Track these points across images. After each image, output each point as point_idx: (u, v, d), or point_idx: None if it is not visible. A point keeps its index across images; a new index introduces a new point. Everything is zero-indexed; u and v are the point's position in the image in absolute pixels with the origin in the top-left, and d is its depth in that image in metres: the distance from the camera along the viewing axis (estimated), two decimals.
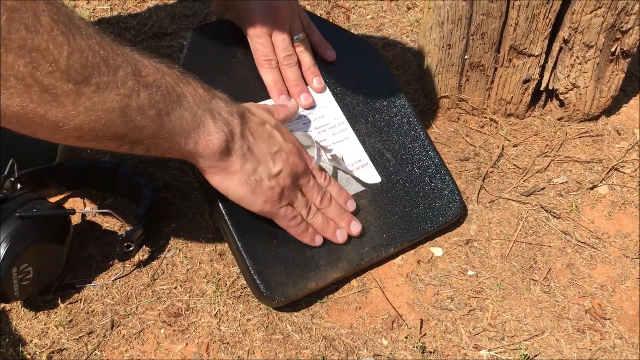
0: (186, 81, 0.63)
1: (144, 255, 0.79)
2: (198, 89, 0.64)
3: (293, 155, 0.71)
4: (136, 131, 0.58)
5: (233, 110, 0.66)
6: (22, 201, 0.70)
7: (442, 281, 0.77)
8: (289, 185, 0.70)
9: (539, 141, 0.94)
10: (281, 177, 0.69)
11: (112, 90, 0.54)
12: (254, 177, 0.67)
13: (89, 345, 0.70)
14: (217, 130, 0.63)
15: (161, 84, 0.59)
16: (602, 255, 0.80)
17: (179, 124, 0.61)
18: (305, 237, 0.73)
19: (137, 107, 0.57)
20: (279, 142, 0.70)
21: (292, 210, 0.71)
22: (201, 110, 0.63)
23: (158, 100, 0.58)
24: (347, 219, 0.75)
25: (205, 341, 0.70)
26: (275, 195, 0.69)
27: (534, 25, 0.85)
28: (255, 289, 0.70)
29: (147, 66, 0.59)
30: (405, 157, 0.83)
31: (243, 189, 0.67)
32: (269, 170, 0.68)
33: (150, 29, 1.14)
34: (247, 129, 0.67)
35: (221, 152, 0.64)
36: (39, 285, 0.71)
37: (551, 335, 0.72)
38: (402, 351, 0.70)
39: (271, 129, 0.70)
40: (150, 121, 0.58)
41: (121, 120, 0.56)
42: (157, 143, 0.60)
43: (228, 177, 0.66)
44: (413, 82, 1.03)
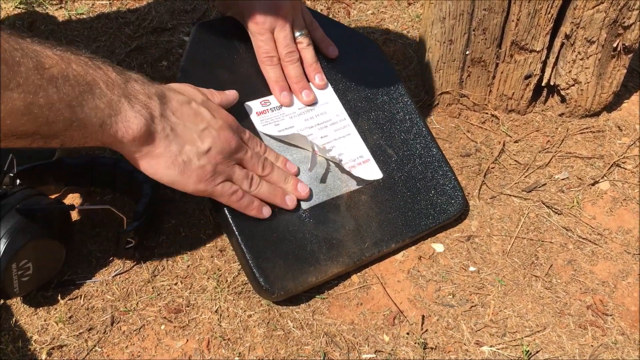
0: (96, 67, 0.60)
1: (144, 251, 0.78)
2: (110, 73, 0.61)
3: (223, 130, 0.68)
4: (46, 127, 0.55)
5: (151, 92, 0.64)
6: (22, 197, 0.70)
7: (443, 277, 0.77)
8: (222, 161, 0.68)
9: (540, 137, 0.94)
10: (211, 154, 0.67)
11: (13, 89, 0.51)
12: (181, 158, 0.65)
13: (89, 342, 0.69)
14: (135, 115, 0.61)
15: (68, 75, 0.56)
16: (603, 252, 0.80)
17: (93, 113, 0.58)
18: (252, 211, 0.71)
19: (45, 103, 0.54)
20: (206, 119, 0.67)
21: (230, 186, 0.69)
22: (116, 96, 0.60)
23: (67, 92, 0.56)
24: (293, 181, 0.75)
25: (206, 337, 0.70)
26: (207, 173, 0.67)
27: (536, 20, 0.85)
28: (255, 282, 0.70)
29: (51, 57, 0.55)
30: (407, 153, 0.82)
31: (171, 172, 0.65)
32: (196, 148, 0.66)
33: (150, 24, 1.13)
34: (168, 109, 0.65)
35: (142, 137, 0.62)
36: (38, 282, 0.70)
37: (553, 331, 0.72)
38: (403, 347, 0.70)
39: (197, 106, 0.68)
40: (61, 115, 0.55)
41: (28, 118, 0.53)
42: (71, 135, 0.58)
43: (154, 160, 0.64)
44: (414, 78, 1.03)
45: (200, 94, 0.70)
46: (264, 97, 0.80)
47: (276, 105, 0.80)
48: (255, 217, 0.72)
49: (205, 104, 0.69)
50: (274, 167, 0.74)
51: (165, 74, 1.03)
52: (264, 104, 0.80)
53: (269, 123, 0.78)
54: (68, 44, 1.08)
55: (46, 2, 1.15)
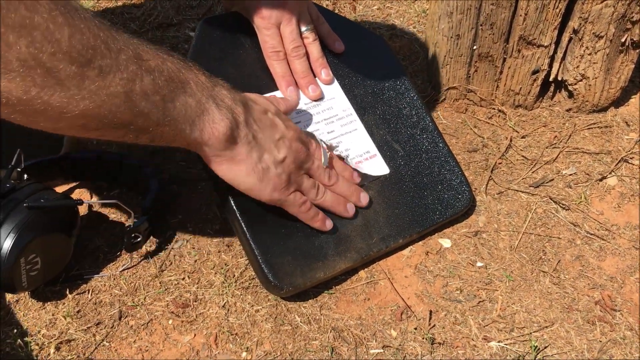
0: (188, 68, 0.62)
1: (151, 246, 0.78)
2: (200, 75, 0.63)
3: (295, 141, 0.70)
4: (141, 118, 0.56)
5: (236, 98, 0.65)
6: (30, 192, 0.70)
7: (451, 272, 0.77)
8: (294, 171, 0.70)
9: (547, 132, 0.94)
10: (286, 164, 0.68)
11: (115, 73, 0.53)
12: (261, 166, 0.66)
13: (97, 336, 0.69)
14: (222, 118, 0.62)
15: (163, 69, 0.58)
16: (611, 247, 0.80)
17: (184, 110, 0.60)
18: (316, 223, 0.73)
19: (141, 92, 0.55)
20: (281, 130, 0.69)
21: (300, 196, 0.71)
22: (205, 97, 0.62)
23: (162, 85, 0.57)
24: (357, 192, 0.76)
25: (213, 332, 0.70)
26: (283, 182, 0.68)
27: (544, 15, 0.85)
28: (264, 278, 0.70)
29: (148, 51, 0.57)
30: (413, 148, 0.82)
31: (251, 179, 0.66)
32: (274, 157, 0.67)
33: (155, 20, 1.13)
34: (250, 117, 0.66)
35: (227, 140, 0.63)
36: (46, 276, 0.71)
37: (561, 326, 0.71)
38: (411, 342, 0.70)
39: (273, 116, 0.69)
40: (155, 107, 0.57)
41: (126, 105, 0.54)
42: (162, 131, 0.59)
43: (235, 166, 0.65)
44: (420, 73, 1.03)
45: (271, 104, 0.72)
46: (270, 93, 0.80)
47: None
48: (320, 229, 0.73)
49: (279, 114, 0.71)
50: (339, 178, 0.75)
51: None
52: None
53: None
54: None
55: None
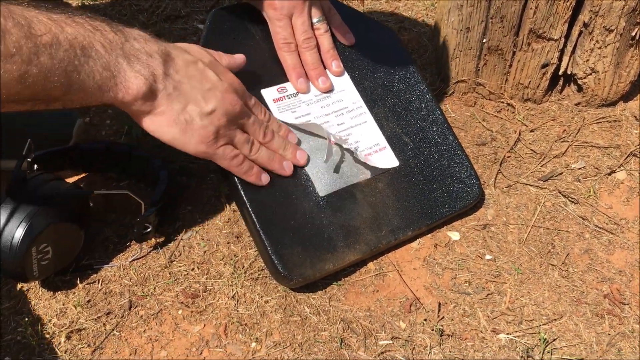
0: (93, 28, 0.59)
1: (161, 237, 0.79)
2: (107, 34, 0.60)
3: (229, 93, 0.68)
4: (43, 93, 0.55)
5: (152, 50, 0.63)
6: (41, 181, 0.70)
7: (459, 265, 0.77)
8: (225, 124, 0.67)
9: (556, 126, 0.94)
10: (215, 116, 0.66)
11: (6, 60, 0.51)
12: (183, 117, 0.65)
13: (108, 325, 0.70)
14: (136, 75, 0.61)
15: (61, 40, 0.55)
16: (620, 241, 0.80)
17: (91, 77, 0.58)
18: (250, 177, 0.71)
19: (39, 71, 0.54)
20: (211, 80, 0.67)
21: (231, 150, 0.69)
22: (114, 57, 0.59)
23: (61, 57, 0.55)
24: (292, 149, 0.75)
25: (223, 322, 0.70)
26: (209, 134, 0.66)
27: (555, 8, 0.84)
28: (273, 269, 0.70)
29: (44, 22, 0.55)
30: (423, 141, 0.82)
31: (173, 130, 0.65)
32: (200, 108, 0.65)
33: (163, 12, 1.13)
34: (171, 68, 0.64)
35: (143, 96, 0.62)
36: (57, 266, 0.71)
37: (570, 319, 0.72)
38: (420, 334, 0.70)
39: (203, 67, 0.67)
40: (57, 81, 0.55)
41: (23, 86, 0.53)
42: (71, 99, 0.58)
43: (155, 118, 0.64)
44: (429, 66, 1.02)
45: (208, 54, 0.70)
46: (280, 84, 0.80)
47: (293, 92, 0.80)
48: (254, 183, 0.72)
49: (212, 65, 0.68)
50: (275, 135, 0.74)
51: None
52: (281, 91, 0.80)
53: (285, 110, 0.78)
54: None
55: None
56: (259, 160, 0.72)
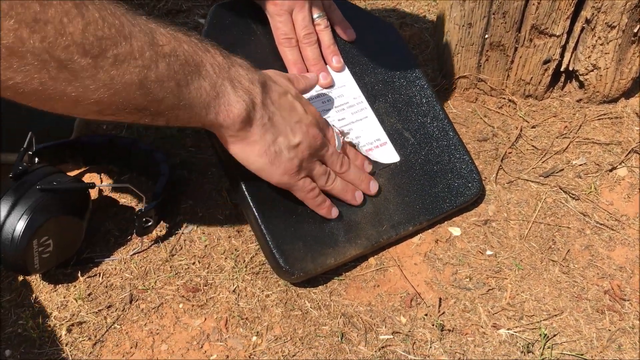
0: (204, 49, 0.62)
1: (162, 231, 0.79)
2: (217, 56, 0.63)
3: (312, 126, 0.70)
4: (155, 103, 0.57)
5: (254, 79, 0.65)
6: (42, 174, 0.70)
7: (460, 260, 0.77)
8: (307, 157, 0.69)
9: (557, 123, 0.94)
10: (300, 149, 0.68)
11: (129, 62, 0.53)
12: (274, 148, 0.66)
13: (109, 319, 0.70)
14: (238, 100, 0.63)
15: (179, 54, 0.58)
16: (620, 237, 0.80)
17: (199, 94, 0.60)
18: (322, 210, 0.73)
19: (156, 78, 0.56)
20: (299, 113, 0.69)
21: (310, 182, 0.71)
22: (220, 79, 0.62)
23: (177, 70, 0.57)
24: (366, 180, 0.76)
25: (224, 316, 0.70)
26: (294, 166, 0.68)
27: (557, 4, 0.84)
28: (275, 263, 0.70)
29: (164, 35, 0.57)
30: (424, 136, 0.82)
31: (262, 160, 0.66)
32: (288, 141, 0.67)
33: (165, 6, 1.13)
34: (268, 99, 0.66)
35: (242, 122, 0.63)
36: (58, 259, 0.71)
37: (570, 315, 0.72)
38: (420, 329, 0.70)
39: (292, 99, 0.69)
40: (170, 92, 0.57)
41: (140, 92, 0.55)
42: (177, 114, 0.60)
43: (248, 147, 0.66)
44: (430, 62, 1.02)
45: (291, 84, 0.72)
46: None
47: None
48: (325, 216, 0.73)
49: (299, 97, 0.71)
50: (351, 166, 0.75)
51: None
52: None
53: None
54: None
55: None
56: (334, 192, 0.74)
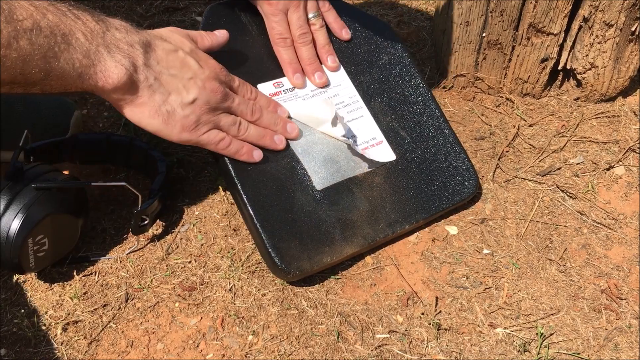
0: (74, 16, 0.59)
1: (158, 229, 0.78)
2: (89, 22, 0.61)
3: (210, 80, 0.68)
4: (22, 77, 0.56)
5: (134, 40, 0.63)
6: (38, 173, 0.70)
7: (457, 259, 0.77)
8: (207, 111, 0.68)
9: (555, 121, 0.94)
10: (197, 105, 0.67)
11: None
12: (165, 108, 0.65)
13: (104, 317, 0.70)
14: (115, 65, 0.61)
15: (43, 26, 0.56)
16: (618, 236, 0.80)
17: (70, 65, 0.58)
18: (242, 156, 0.72)
19: (18, 55, 0.54)
20: (192, 69, 0.67)
21: (216, 134, 0.70)
22: (94, 46, 0.60)
23: (41, 43, 0.55)
24: (282, 122, 0.75)
25: (220, 315, 0.70)
26: (191, 122, 0.67)
27: (554, 2, 0.84)
28: (271, 262, 0.70)
29: (26, 8, 0.55)
30: (420, 135, 0.82)
31: (156, 121, 0.66)
32: (181, 98, 0.66)
33: (162, 4, 1.13)
34: (152, 58, 0.65)
35: (124, 86, 0.62)
36: (54, 257, 0.71)
37: (567, 314, 0.72)
38: (417, 328, 0.70)
39: (184, 55, 0.68)
40: (36, 67, 0.56)
41: (4, 69, 0.54)
42: (50, 84, 0.59)
43: (137, 109, 0.65)
44: (428, 61, 1.02)
45: (189, 41, 0.70)
46: (276, 79, 0.80)
47: (289, 87, 0.80)
48: (247, 161, 0.72)
49: (194, 53, 0.69)
50: (264, 111, 0.74)
51: None
52: (277, 86, 0.79)
53: (283, 104, 0.78)
54: None
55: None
56: (249, 139, 0.72)
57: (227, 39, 0.76)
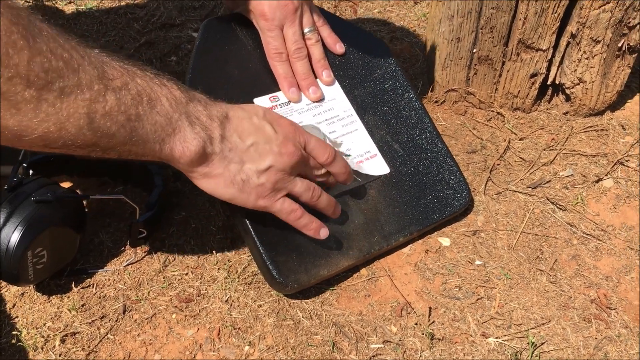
0: (160, 83, 0.60)
1: (155, 241, 0.79)
2: (174, 91, 0.60)
3: (285, 145, 0.66)
4: (105, 139, 0.55)
5: (212, 113, 0.63)
6: (37, 186, 0.71)
7: (450, 270, 0.78)
8: (282, 177, 0.67)
9: (545, 135, 0.95)
10: (272, 172, 0.66)
11: (76, 95, 0.51)
12: (240, 177, 0.64)
13: (102, 329, 0.70)
14: (194, 137, 0.60)
15: (131, 87, 0.56)
16: (607, 247, 0.81)
17: (152, 129, 0.57)
18: (309, 231, 0.71)
19: (105, 112, 0.53)
20: (267, 134, 0.66)
21: (289, 204, 0.69)
22: (177, 114, 0.59)
23: (128, 104, 0.55)
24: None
25: (216, 326, 0.71)
26: (266, 190, 0.66)
27: (543, 19, 0.86)
28: (269, 275, 0.71)
29: (116, 68, 0.55)
30: (413, 148, 0.84)
31: (231, 190, 0.65)
32: (257, 166, 0.65)
33: (159, 20, 1.14)
34: (228, 130, 0.64)
35: (199, 159, 0.61)
36: (52, 270, 0.72)
37: (557, 324, 0.73)
38: (411, 338, 0.71)
39: (259, 120, 0.66)
40: (121, 127, 0.55)
41: (89, 127, 0.53)
42: (129, 149, 0.57)
43: (212, 180, 0.64)
44: (420, 76, 1.04)
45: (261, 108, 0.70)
46: (272, 93, 0.81)
47: (284, 100, 0.81)
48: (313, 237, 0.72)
49: (267, 116, 0.68)
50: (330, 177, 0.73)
51: (175, 68, 1.04)
52: (273, 100, 0.81)
53: None
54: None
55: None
56: (319, 206, 0.72)
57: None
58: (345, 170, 0.73)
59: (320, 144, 0.71)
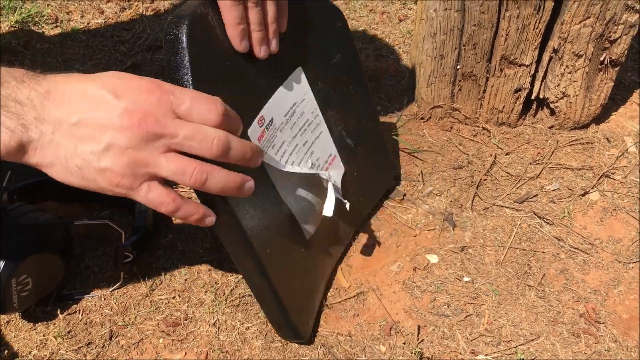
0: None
1: (142, 266, 0.79)
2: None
3: (129, 115, 0.51)
4: None
5: (23, 95, 0.50)
6: (21, 213, 0.71)
7: (438, 288, 0.78)
8: (136, 158, 0.51)
9: (530, 149, 0.96)
10: (115, 152, 0.51)
11: None
12: (74, 163, 0.51)
13: (88, 356, 0.70)
14: (3, 130, 0.49)
15: None
16: (595, 261, 0.81)
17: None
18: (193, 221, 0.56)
19: None
20: (103, 106, 0.51)
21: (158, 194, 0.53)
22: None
23: None
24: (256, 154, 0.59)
25: (204, 350, 0.71)
26: (117, 176, 0.51)
27: (525, 35, 0.87)
28: (292, 333, 0.70)
29: None
30: (359, 139, 0.81)
31: (73, 179, 0.52)
32: (91, 148, 0.50)
33: (145, 42, 1.15)
34: (48, 109, 0.51)
35: (18, 151, 0.50)
36: (37, 296, 0.71)
37: (547, 339, 0.73)
38: (400, 357, 0.70)
39: (95, 89, 0.51)
40: None
41: None
42: None
43: (51, 170, 0.52)
44: (406, 92, 1.05)
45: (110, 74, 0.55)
46: (257, 116, 0.75)
47: (269, 119, 0.75)
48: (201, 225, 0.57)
49: (110, 83, 0.52)
50: (232, 140, 0.54)
51: None
52: (260, 124, 0.73)
53: (268, 147, 0.69)
54: (64, 62, 1.10)
55: (42, 21, 1.17)
56: (212, 190, 0.54)
57: None
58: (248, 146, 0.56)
59: (200, 100, 0.54)
